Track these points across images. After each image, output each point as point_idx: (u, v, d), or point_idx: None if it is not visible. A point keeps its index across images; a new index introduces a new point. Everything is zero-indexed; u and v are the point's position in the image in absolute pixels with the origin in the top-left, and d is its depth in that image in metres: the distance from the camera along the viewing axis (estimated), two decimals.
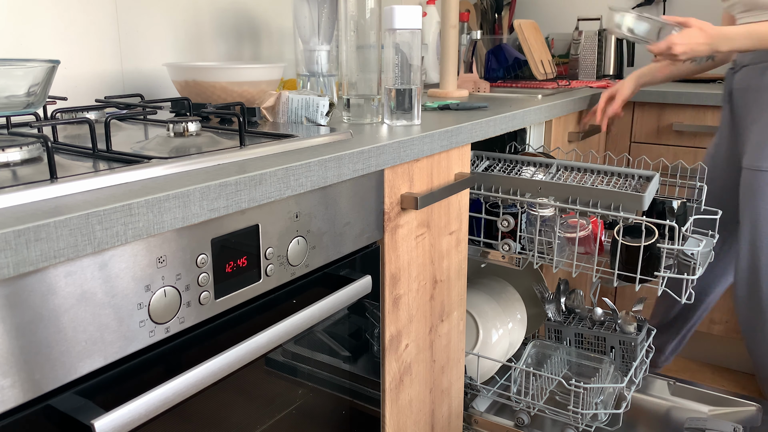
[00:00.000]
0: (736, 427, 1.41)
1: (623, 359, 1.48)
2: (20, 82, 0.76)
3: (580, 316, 1.57)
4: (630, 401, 1.51)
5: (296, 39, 1.28)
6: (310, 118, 1.06)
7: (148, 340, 0.64)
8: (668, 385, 1.59)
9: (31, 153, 0.72)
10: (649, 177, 1.30)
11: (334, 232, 0.88)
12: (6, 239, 0.49)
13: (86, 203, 0.57)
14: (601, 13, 2.62)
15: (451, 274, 1.21)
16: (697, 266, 1.21)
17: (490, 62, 2.19)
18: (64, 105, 1.19)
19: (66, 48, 1.18)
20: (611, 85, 2.08)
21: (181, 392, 0.64)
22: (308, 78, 1.28)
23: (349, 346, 0.96)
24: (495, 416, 1.45)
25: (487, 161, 1.44)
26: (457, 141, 1.11)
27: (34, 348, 0.54)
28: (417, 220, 1.07)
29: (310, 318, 0.81)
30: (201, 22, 1.43)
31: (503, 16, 2.51)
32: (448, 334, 1.24)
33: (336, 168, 0.83)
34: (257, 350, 0.73)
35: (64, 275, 0.55)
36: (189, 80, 1.15)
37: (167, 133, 0.87)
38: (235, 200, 0.69)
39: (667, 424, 1.50)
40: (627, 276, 1.23)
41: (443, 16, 1.99)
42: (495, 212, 1.37)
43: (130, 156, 0.73)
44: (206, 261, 0.69)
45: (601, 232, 1.30)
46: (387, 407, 1.06)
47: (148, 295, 0.63)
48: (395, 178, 0.99)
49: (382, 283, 1.00)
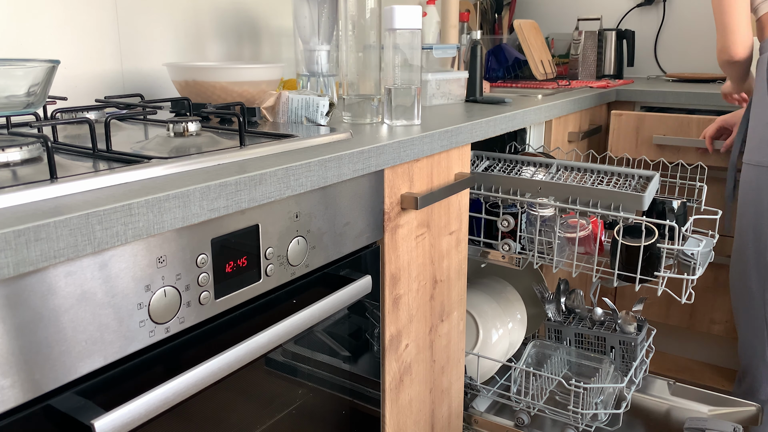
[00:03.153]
0: (736, 427, 1.41)
1: (623, 359, 1.48)
2: (20, 82, 0.76)
3: (580, 316, 1.57)
4: (630, 401, 1.51)
5: (296, 39, 1.28)
6: (310, 118, 1.06)
7: (148, 340, 0.64)
8: (668, 385, 1.59)
9: (31, 153, 0.72)
10: (649, 177, 1.30)
11: (334, 232, 0.88)
12: (6, 239, 0.49)
13: (86, 203, 0.57)
14: (601, 13, 2.62)
15: (451, 274, 1.21)
16: (697, 266, 1.21)
17: (490, 62, 2.19)
18: (64, 105, 1.19)
19: (66, 48, 1.18)
20: (611, 85, 2.08)
21: (181, 392, 0.64)
22: (308, 78, 1.28)
23: (349, 346, 0.96)
24: (495, 416, 1.45)
25: (487, 161, 1.44)
26: (457, 141, 1.11)
27: (34, 348, 0.54)
28: (417, 220, 1.07)
29: (310, 318, 0.81)
30: (201, 22, 1.43)
31: (503, 16, 2.51)
32: (448, 334, 1.24)
33: (336, 168, 0.83)
34: (257, 350, 0.73)
35: (64, 275, 0.55)
36: (189, 80, 1.15)
37: (167, 133, 0.87)
38: (235, 200, 0.69)
39: (667, 424, 1.50)
40: (627, 276, 1.23)
41: (443, 16, 1.98)
42: (495, 212, 1.37)
43: (130, 156, 0.73)
44: (206, 261, 0.69)
45: (601, 232, 1.30)
46: (387, 407, 1.06)
47: (148, 295, 0.63)
48: (395, 178, 0.99)
49: (382, 283, 1.00)
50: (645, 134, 1.86)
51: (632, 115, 1.86)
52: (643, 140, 1.86)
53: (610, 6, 2.61)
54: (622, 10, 2.59)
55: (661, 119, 1.82)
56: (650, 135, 1.85)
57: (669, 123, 1.82)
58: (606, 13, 2.62)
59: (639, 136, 1.87)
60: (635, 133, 1.87)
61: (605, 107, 2.07)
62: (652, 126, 1.85)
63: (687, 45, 2.49)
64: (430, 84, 1.42)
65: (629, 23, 2.58)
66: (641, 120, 1.85)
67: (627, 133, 1.88)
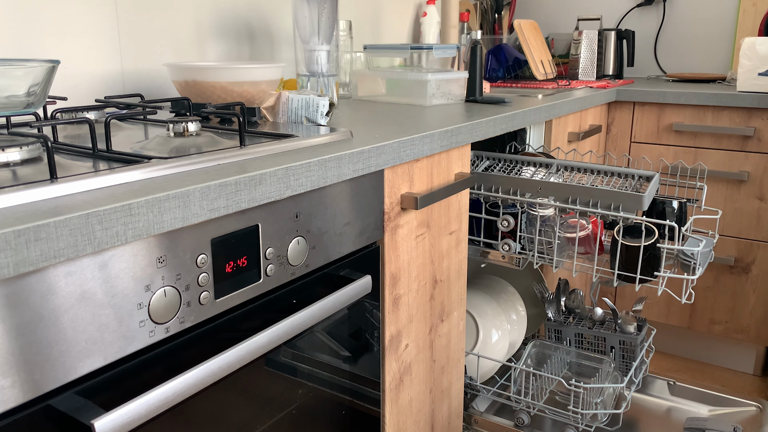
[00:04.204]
0: (736, 427, 1.41)
1: (623, 359, 1.48)
2: (20, 82, 0.76)
3: (580, 316, 1.57)
4: (630, 401, 1.51)
5: (296, 39, 1.28)
6: (310, 118, 1.06)
7: (148, 340, 0.64)
8: (668, 385, 1.59)
9: (31, 153, 0.72)
10: (649, 177, 1.30)
11: (334, 232, 0.88)
12: (6, 239, 0.49)
13: (86, 203, 0.57)
14: (601, 13, 2.62)
15: (451, 274, 1.21)
16: (697, 266, 1.21)
17: (490, 62, 2.19)
18: (64, 105, 1.19)
19: (66, 48, 1.18)
20: (611, 85, 2.08)
21: (181, 392, 0.64)
22: (308, 78, 1.29)
23: (349, 346, 0.96)
24: (495, 416, 1.45)
25: (487, 161, 1.44)
26: (457, 141, 1.11)
27: (34, 348, 0.54)
28: (417, 220, 1.07)
29: (310, 318, 0.81)
30: (201, 22, 1.43)
31: (503, 16, 2.51)
32: (448, 334, 1.24)
33: (336, 168, 0.83)
34: (257, 350, 0.73)
35: (64, 275, 0.55)
36: (189, 80, 1.15)
37: (167, 133, 0.87)
38: (235, 200, 0.69)
39: (667, 424, 1.50)
40: (627, 276, 1.23)
41: (443, 16, 1.98)
42: (495, 212, 1.37)
43: (130, 156, 0.73)
44: (206, 261, 0.69)
45: (601, 232, 1.30)
46: (387, 407, 1.06)
47: (148, 295, 0.63)
48: (395, 178, 0.99)
49: (382, 283, 1.00)
50: (665, 122, 2.01)
51: (654, 105, 2.03)
52: (663, 127, 2.03)
53: (610, 6, 2.61)
54: (622, 10, 2.59)
55: (680, 108, 1.98)
56: (670, 122, 2.00)
57: (687, 112, 1.98)
58: (606, 13, 2.62)
59: (660, 123, 2.02)
60: (656, 120, 2.02)
61: (605, 107, 2.07)
62: (671, 115, 2.00)
63: (687, 45, 2.49)
64: (430, 84, 1.42)
65: (629, 23, 2.58)
66: (662, 109, 2.02)
67: (649, 121, 2.04)
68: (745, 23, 2.33)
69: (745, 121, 1.88)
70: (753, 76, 1.89)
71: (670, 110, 1.99)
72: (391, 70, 1.52)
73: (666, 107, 1.99)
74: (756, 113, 1.86)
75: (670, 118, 1.99)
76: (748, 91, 1.89)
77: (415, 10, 2.17)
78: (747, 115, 1.87)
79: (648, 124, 2.03)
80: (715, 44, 2.43)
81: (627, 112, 2.06)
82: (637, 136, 2.06)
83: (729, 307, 2.01)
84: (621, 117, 2.08)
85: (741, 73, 1.91)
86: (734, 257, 1.97)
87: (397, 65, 1.68)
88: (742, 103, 1.85)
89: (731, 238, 1.98)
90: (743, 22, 2.33)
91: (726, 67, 2.43)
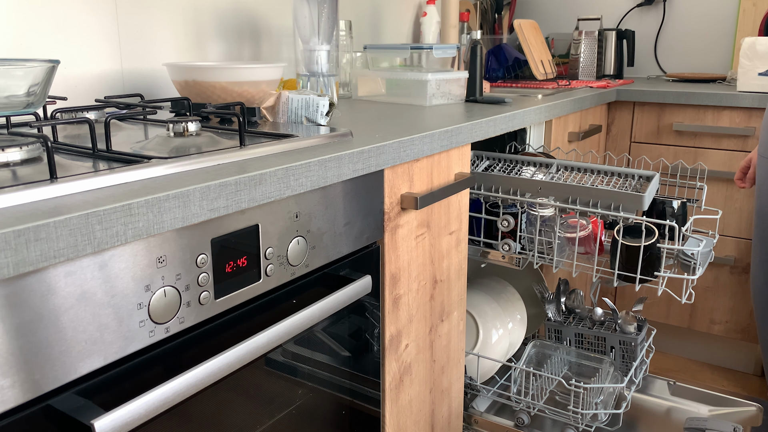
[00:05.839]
0: (736, 427, 1.41)
1: (623, 359, 1.48)
2: (20, 82, 0.76)
3: (580, 316, 1.57)
4: (630, 401, 1.51)
5: (296, 39, 1.28)
6: (310, 118, 1.06)
7: (147, 340, 0.64)
8: (668, 385, 1.59)
9: (31, 153, 0.72)
10: (649, 177, 1.30)
11: (334, 232, 0.88)
12: (6, 239, 0.49)
13: (86, 203, 0.57)
14: (601, 13, 2.62)
15: (451, 274, 1.21)
16: (697, 266, 1.21)
17: (490, 62, 2.19)
18: (64, 105, 1.19)
19: (66, 48, 1.18)
20: (611, 85, 2.08)
21: (181, 392, 0.64)
22: (308, 78, 1.28)
23: (349, 346, 0.96)
24: (495, 416, 1.45)
25: (487, 161, 1.44)
26: (457, 141, 1.11)
27: (34, 348, 0.54)
28: (417, 220, 1.07)
29: (310, 318, 0.81)
30: (201, 22, 1.43)
31: (503, 16, 2.51)
32: (448, 334, 1.24)
33: (336, 168, 0.83)
34: (257, 350, 0.73)
35: (64, 275, 0.55)
36: (189, 80, 1.15)
37: (167, 133, 0.87)
38: (235, 200, 0.69)
39: (667, 424, 1.50)
40: (627, 276, 1.23)
41: (443, 16, 1.98)
42: (495, 212, 1.37)
43: (130, 156, 0.73)
44: (206, 261, 0.69)
45: (601, 232, 1.30)
46: (387, 407, 1.06)
47: (147, 295, 0.63)
48: (395, 178, 0.99)
49: (382, 283, 1.00)
50: (665, 122, 2.01)
51: (654, 105, 2.03)
52: (663, 127, 2.03)
53: (610, 6, 2.61)
54: (622, 10, 2.59)
55: (680, 108, 1.99)
56: (670, 122, 2.00)
57: (687, 112, 1.97)
58: (606, 13, 2.62)
59: (660, 123, 2.03)
60: (657, 120, 2.03)
61: (605, 107, 2.07)
62: (671, 115, 2.00)
63: (687, 45, 2.49)
64: (430, 84, 1.42)
65: (629, 23, 2.58)
66: (662, 109, 2.02)
67: (649, 121, 2.04)
68: (745, 23, 2.33)
69: (745, 121, 1.88)
70: (753, 76, 1.89)
71: (670, 110, 1.99)
72: (391, 70, 1.52)
73: (666, 107, 1.99)
74: (756, 113, 1.86)
75: (670, 118, 1.99)
76: (748, 91, 1.89)
77: (415, 10, 2.17)
78: (747, 115, 1.87)
79: (648, 124, 2.03)
80: (715, 44, 2.43)
81: (627, 112, 2.06)
82: (637, 136, 2.06)
83: (729, 307, 2.01)
84: (621, 117, 2.08)
85: (741, 73, 1.91)
86: (734, 257, 1.97)
87: (397, 65, 1.68)
88: (742, 103, 1.85)
89: (731, 238, 1.98)
90: (743, 22, 2.33)
91: (726, 67, 2.43)
